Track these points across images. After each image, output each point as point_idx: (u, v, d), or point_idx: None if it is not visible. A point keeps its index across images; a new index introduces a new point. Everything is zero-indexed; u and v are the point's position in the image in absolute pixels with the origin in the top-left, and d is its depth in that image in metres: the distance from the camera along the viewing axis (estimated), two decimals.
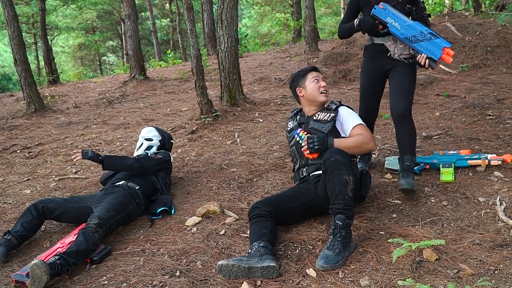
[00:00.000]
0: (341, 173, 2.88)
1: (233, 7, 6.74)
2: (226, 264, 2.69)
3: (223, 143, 5.59)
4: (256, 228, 2.99)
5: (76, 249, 2.97)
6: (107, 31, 32.57)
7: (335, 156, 2.94)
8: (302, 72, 3.61)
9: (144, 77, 11.79)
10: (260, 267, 2.66)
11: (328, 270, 2.71)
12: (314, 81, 3.52)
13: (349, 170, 2.91)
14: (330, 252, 2.77)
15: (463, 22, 8.94)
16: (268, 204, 3.14)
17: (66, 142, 6.46)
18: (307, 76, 3.56)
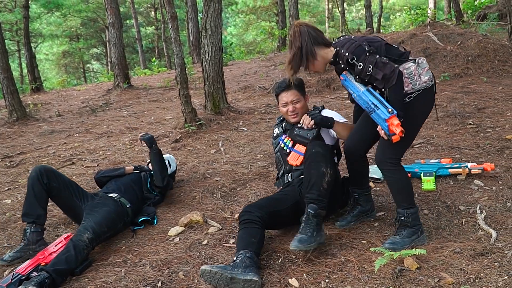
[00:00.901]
0: (319, 165, 3.02)
1: (217, 16, 6.76)
2: (210, 271, 2.68)
3: (207, 152, 5.58)
4: (245, 235, 2.99)
5: (67, 268, 2.94)
6: (91, 38, 32.43)
7: (316, 148, 3.08)
8: (277, 91, 3.57)
9: (128, 85, 11.74)
10: (243, 280, 2.66)
11: (302, 250, 2.91)
12: (283, 105, 3.51)
13: (328, 163, 3.04)
14: (303, 235, 2.92)
15: (445, 32, 9.06)
16: (260, 209, 3.14)
17: (48, 151, 6.41)
18: (278, 97, 3.56)
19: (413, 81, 2.90)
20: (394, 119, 2.75)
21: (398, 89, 2.83)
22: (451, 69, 7.91)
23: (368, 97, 2.90)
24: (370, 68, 2.85)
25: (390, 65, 2.82)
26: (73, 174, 5.20)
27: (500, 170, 4.07)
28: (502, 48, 8.48)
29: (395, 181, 3.02)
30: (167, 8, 6.56)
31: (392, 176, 3.00)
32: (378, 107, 2.82)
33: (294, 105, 3.47)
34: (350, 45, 2.93)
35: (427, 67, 2.95)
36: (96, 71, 36.32)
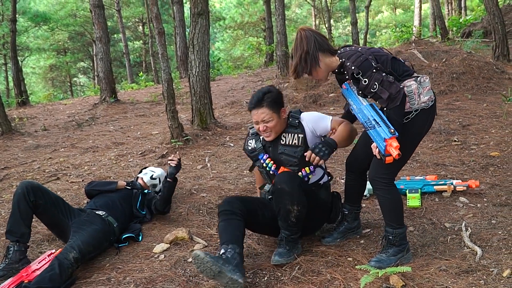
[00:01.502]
0: (284, 203, 3.01)
1: (204, 32, 6.78)
2: (202, 258, 2.71)
3: (193, 168, 5.57)
4: (230, 227, 3.04)
5: (51, 286, 2.89)
6: (78, 52, 32.40)
7: (281, 184, 3.00)
8: (249, 107, 3.28)
9: (115, 99, 11.70)
10: (229, 277, 2.69)
11: (283, 263, 3.06)
12: (254, 123, 3.26)
13: (294, 199, 3.00)
14: (282, 249, 3.12)
15: (430, 49, 9.16)
16: (242, 202, 3.17)
17: (33, 166, 6.35)
18: (251, 114, 3.26)
19: (411, 100, 2.86)
20: (394, 141, 2.68)
21: (400, 110, 2.80)
22: (436, 86, 7.98)
23: (370, 112, 2.82)
24: (375, 86, 2.78)
25: (396, 85, 2.77)
26: (58, 190, 5.15)
27: (485, 187, 4.10)
28: (486, 65, 8.59)
29: (387, 201, 2.99)
30: (154, 24, 6.57)
31: (385, 195, 2.98)
32: (380, 125, 2.75)
33: (266, 124, 3.18)
34: (357, 58, 2.85)
35: (428, 86, 2.91)
36: (83, 85, 36.21)
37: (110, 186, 4.16)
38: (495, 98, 7.25)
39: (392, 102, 2.76)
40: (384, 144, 2.71)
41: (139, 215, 4.09)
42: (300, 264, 3.06)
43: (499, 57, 10.38)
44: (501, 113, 6.35)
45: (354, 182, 3.36)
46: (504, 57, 10.38)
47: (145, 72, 29.73)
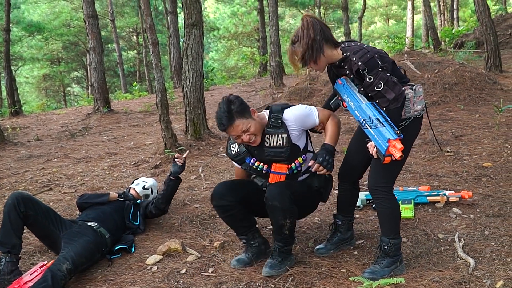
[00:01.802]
0: (277, 219, 3.07)
1: (198, 43, 6.80)
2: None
3: (186, 178, 5.55)
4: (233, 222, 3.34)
5: None
6: (72, 62, 32.39)
7: (273, 201, 3.01)
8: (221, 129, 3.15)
9: (109, 109, 11.68)
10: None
11: (273, 275, 3.08)
12: (235, 139, 3.18)
13: (286, 214, 3.04)
14: (273, 260, 3.15)
15: (422, 60, 9.20)
16: (232, 192, 3.22)
17: (26, 176, 6.32)
18: (227, 133, 3.19)
19: (407, 108, 2.86)
20: (398, 143, 2.65)
21: (400, 112, 2.80)
22: (428, 97, 8.02)
23: (373, 111, 2.78)
24: (380, 85, 2.75)
25: (399, 86, 2.78)
26: (50, 201, 5.12)
27: (477, 198, 4.11)
28: (478, 76, 8.64)
29: (387, 210, 2.98)
30: (148, 34, 6.58)
31: (385, 205, 2.97)
32: (384, 124, 2.72)
33: (247, 133, 3.09)
34: (363, 55, 2.80)
35: (422, 95, 2.92)
36: (77, 94, 36.15)
37: (102, 198, 4.14)
38: (487, 108, 7.29)
39: (394, 103, 2.76)
40: (387, 145, 2.67)
41: (132, 226, 4.07)
42: (293, 276, 3.06)
43: (491, 67, 10.43)
44: (493, 123, 6.39)
45: (347, 192, 3.36)
46: (496, 68, 10.44)
47: (139, 81, 29.71)
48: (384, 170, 2.91)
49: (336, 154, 5.78)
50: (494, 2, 32.58)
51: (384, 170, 2.91)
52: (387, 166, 2.87)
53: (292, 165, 3.20)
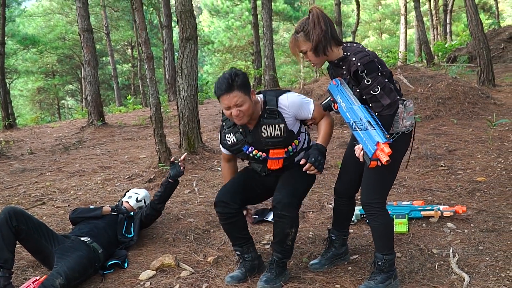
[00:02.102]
0: (284, 226, 3.07)
1: (193, 57, 6.81)
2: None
3: (180, 192, 5.53)
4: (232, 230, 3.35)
5: None
6: (67, 75, 32.44)
7: (282, 211, 3.04)
8: (217, 93, 3.09)
9: (103, 123, 11.66)
10: None
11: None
12: (225, 108, 3.08)
13: (293, 222, 3.07)
14: (269, 274, 3.16)
15: (415, 75, 9.26)
16: (234, 198, 3.24)
17: (19, 190, 6.28)
18: (220, 99, 3.08)
19: (396, 123, 2.85)
20: (387, 147, 2.59)
21: (391, 119, 2.79)
22: (422, 111, 8.06)
23: (364, 113, 2.73)
24: (377, 89, 2.71)
25: (395, 94, 2.76)
26: (43, 215, 5.09)
27: (471, 213, 4.12)
28: (471, 90, 8.70)
29: (381, 226, 2.98)
30: (143, 49, 6.60)
31: (378, 221, 2.97)
32: (374, 127, 2.66)
33: (239, 108, 3.02)
34: (364, 56, 2.77)
35: (412, 111, 2.91)
36: (71, 107, 36.12)
37: (95, 212, 4.13)
38: (480, 123, 7.33)
39: (387, 110, 2.74)
40: (375, 148, 2.62)
41: (125, 239, 4.04)
42: None
43: (484, 82, 10.52)
44: (486, 138, 6.42)
45: (343, 207, 3.36)
46: (489, 82, 10.53)
47: (133, 95, 29.75)
48: (376, 185, 2.91)
49: (331, 168, 5.80)
50: (487, 16, 32.91)
51: (376, 185, 2.91)
52: (379, 181, 2.90)
53: (288, 148, 3.23)
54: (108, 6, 26.87)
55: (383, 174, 2.88)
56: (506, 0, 39.44)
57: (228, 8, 31.34)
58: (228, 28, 30.40)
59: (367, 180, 2.96)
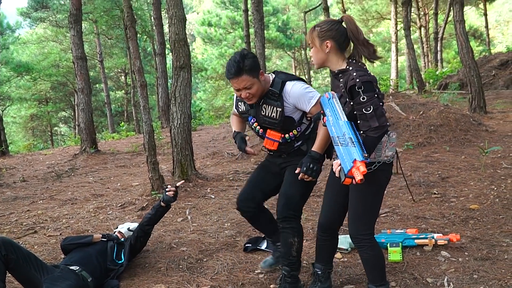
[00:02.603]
0: (288, 235, 3.29)
1: (186, 85, 6.85)
2: None
3: (173, 220, 5.50)
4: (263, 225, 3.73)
5: None
6: (60, 102, 32.47)
7: (282, 223, 3.31)
8: (226, 77, 3.27)
9: (95, 150, 11.64)
10: None
11: None
12: (236, 90, 3.29)
13: (294, 232, 3.27)
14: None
15: (407, 102, 9.34)
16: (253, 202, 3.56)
17: (11, 218, 6.22)
18: (230, 82, 3.27)
19: (378, 151, 2.87)
20: (363, 165, 2.57)
21: (376, 141, 2.78)
22: (414, 138, 8.11)
23: (348, 130, 2.72)
24: (369, 109, 2.71)
25: (385, 119, 2.76)
26: (35, 244, 5.04)
27: (465, 241, 4.11)
28: (463, 117, 8.77)
29: (371, 257, 2.96)
30: (137, 77, 6.64)
31: (369, 252, 2.95)
32: (355, 145, 2.65)
33: (248, 91, 3.21)
34: (364, 75, 2.77)
35: (394, 143, 2.92)
36: (64, 134, 36.04)
37: (85, 239, 4.12)
38: (473, 150, 7.37)
39: (373, 132, 2.74)
40: (351, 165, 2.60)
41: (115, 266, 4.01)
42: None
43: (475, 109, 10.61)
44: (479, 165, 6.45)
45: (327, 242, 3.28)
46: (481, 109, 10.62)
47: (127, 121, 29.77)
48: (363, 217, 2.91)
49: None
50: (478, 43, 33.40)
51: (363, 216, 2.91)
52: (365, 212, 2.90)
53: (285, 135, 3.34)
54: (102, 34, 27.07)
55: (369, 204, 2.91)
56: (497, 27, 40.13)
57: (221, 36, 31.68)
58: (221, 55, 30.67)
59: (353, 212, 2.95)
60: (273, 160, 3.58)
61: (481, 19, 32.14)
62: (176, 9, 6.83)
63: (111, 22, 23.62)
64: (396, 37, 25.14)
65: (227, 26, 31.43)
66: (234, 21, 31.02)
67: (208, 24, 32.42)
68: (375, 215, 3.02)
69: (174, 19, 6.82)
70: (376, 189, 2.92)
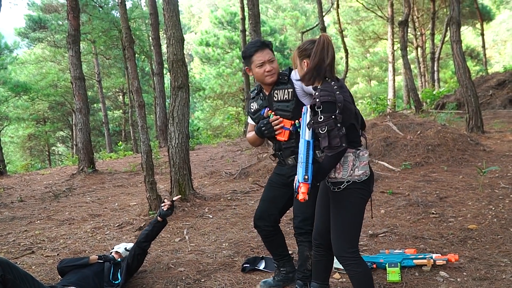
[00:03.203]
0: (304, 248, 3.44)
1: (184, 104, 6.88)
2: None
3: (171, 241, 5.48)
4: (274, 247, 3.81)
5: None
6: (58, 121, 32.47)
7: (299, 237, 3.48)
8: (250, 51, 3.49)
9: (93, 170, 11.64)
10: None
11: None
12: (259, 65, 3.46)
13: (311, 245, 3.31)
14: None
15: (405, 122, 9.38)
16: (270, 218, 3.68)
17: (8, 238, 6.19)
18: (253, 58, 3.48)
19: (344, 171, 2.89)
20: (304, 186, 2.73)
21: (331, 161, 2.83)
22: (412, 158, 8.13)
23: (303, 148, 2.82)
24: (324, 129, 2.78)
25: (338, 141, 2.76)
26: (32, 264, 5.01)
27: (464, 261, 4.10)
28: (461, 137, 8.81)
29: (358, 275, 2.95)
30: (135, 97, 6.66)
31: (355, 270, 2.94)
32: (301, 165, 2.78)
33: (271, 65, 3.45)
34: (327, 96, 2.82)
35: (366, 161, 2.93)
36: (61, 154, 35.99)
37: (82, 261, 4.11)
38: (470, 169, 7.38)
39: (327, 151, 2.80)
40: (297, 184, 2.77)
41: (112, 287, 3.99)
42: None
43: (473, 128, 10.67)
44: (477, 185, 6.46)
45: (323, 258, 3.26)
46: (478, 129, 10.67)
47: (124, 141, 29.77)
48: (344, 235, 2.93)
49: None
50: (475, 63, 33.62)
51: (344, 235, 2.93)
52: (344, 231, 2.93)
53: (296, 121, 3.41)
54: (100, 54, 27.23)
55: (346, 222, 2.94)
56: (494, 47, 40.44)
57: (219, 56, 31.86)
58: (219, 75, 30.80)
59: (333, 232, 2.98)
60: (281, 172, 3.66)
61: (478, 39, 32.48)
62: (174, 30, 6.89)
63: (109, 42, 23.76)
64: (393, 57, 25.33)
65: (225, 46, 31.61)
66: (232, 41, 31.22)
67: (206, 44, 32.63)
68: (356, 232, 3.01)
69: (172, 40, 6.88)
70: (350, 207, 2.93)
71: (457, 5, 11.11)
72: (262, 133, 3.52)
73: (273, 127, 3.44)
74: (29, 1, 28.93)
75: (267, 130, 3.47)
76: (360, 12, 31.51)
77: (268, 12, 44.11)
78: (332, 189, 2.96)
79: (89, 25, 21.95)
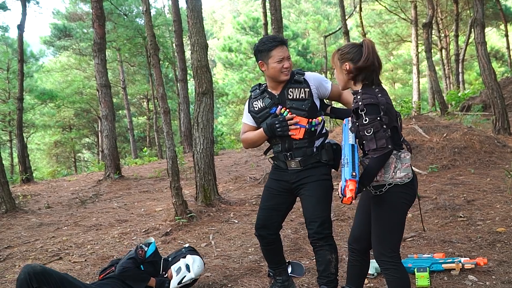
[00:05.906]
0: (325, 253, 3.32)
1: (209, 110, 6.93)
2: None
3: (197, 246, 5.51)
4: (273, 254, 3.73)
5: None
6: (83, 128, 32.94)
7: (319, 242, 3.32)
8: (269, 45, 3.41)
9: (119, 175, 11.76)
10: None
11: None
12: (278, 61, 3.38)
13: (332, 249, 3.32)
14: None
15: (430, 124, 9.29)
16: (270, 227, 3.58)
17: (36, 245, 6.30)
18: (272, 53, 3.39)
19: (386, 174, 2.87)
20: (352, 183, 2.70)
21: (377, 163, 2.81)
22: (438, 161, 8.04)
23: (347, 151, 2.86)
24: (370, 131, 2.79)
25: (384, 142, 2.77)
26: (60, 270, 5.05)
27: (493, 264, 4.05)
28: (487, 139, 8.69)
29: (396, 280, 2.92)
30: (160, 103, 6.73)
31: (394, 275, 2.91)
32: (348, 165, 2.79)
33: (289, 61, 3.42)
34: (369, 99, 2.84)
35: (407, 164, 2.90)
36: (87, 160, 36.47)
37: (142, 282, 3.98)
38: (498, 172, 7.27)
39: (372, 153, 2.80)
40: (344, 184, 2.73)
41: None
42: None
43: (499, 130, 10.51)
44: (505, 187, 6.36)
45: (357, 263, 3.25)
46: (505, 131, 10.51)
47: (149, 146, 30.03)
48: (384, 239, 2.90)
49: (348, 219, 5.76)
50: (500, 64, 33.11)
51: (384, 239, 2.90)
52: (385, 235, 2.90)
53: (312, 120, 3.40)
54: (125, 62, 27.57)
55: (387, 226, 2.90)
56: None
57: (242, 61, 32.00)
58: (242, 80, 30.94)
59: (374, 235, 2.96)
60: (282, 178, 3.54)
61: (502, 40, 31.96)
62: (198, 37, 6.95)
63: (134, 49, 24.07)
64: (417, 59, 25.05)
65: (247, 51, 31.71)
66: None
67: (229, 49, 32.81)
68: (397, 236, 2.98)
69: (196, 46, 6.93)
70: (392, 210, 2.90)
71: (480, 6, 10.97)
72: (273, 131, 3.41)
73: (288, 125, 3.37)
74: (54, 9, 29.47)
75: (281, 128, 3.37)
76: (383, 14, 31.27)
77: (290, 16, 44.10)
78: (374, 193, 2.94)
79: (114, 33, 22.27)
